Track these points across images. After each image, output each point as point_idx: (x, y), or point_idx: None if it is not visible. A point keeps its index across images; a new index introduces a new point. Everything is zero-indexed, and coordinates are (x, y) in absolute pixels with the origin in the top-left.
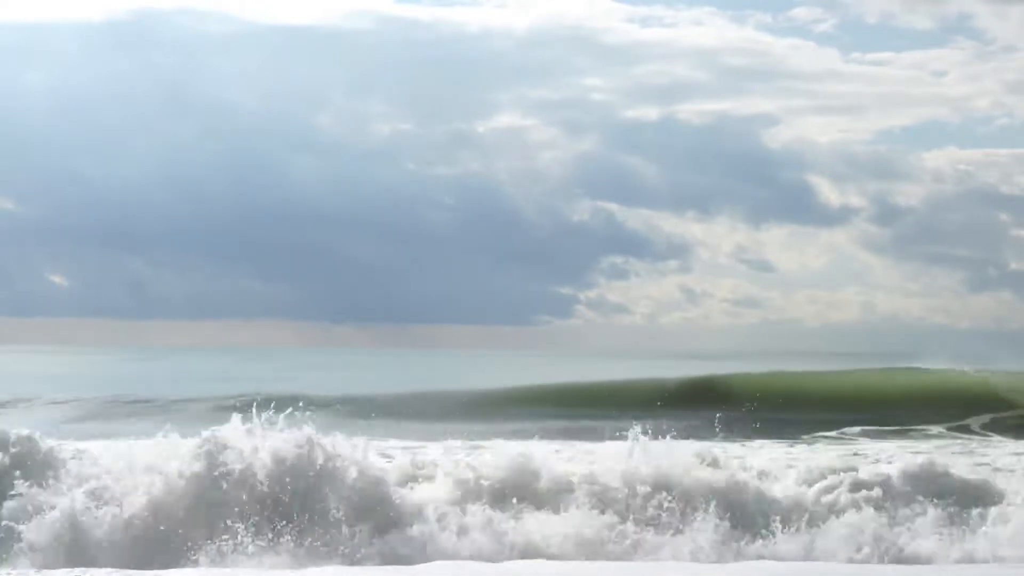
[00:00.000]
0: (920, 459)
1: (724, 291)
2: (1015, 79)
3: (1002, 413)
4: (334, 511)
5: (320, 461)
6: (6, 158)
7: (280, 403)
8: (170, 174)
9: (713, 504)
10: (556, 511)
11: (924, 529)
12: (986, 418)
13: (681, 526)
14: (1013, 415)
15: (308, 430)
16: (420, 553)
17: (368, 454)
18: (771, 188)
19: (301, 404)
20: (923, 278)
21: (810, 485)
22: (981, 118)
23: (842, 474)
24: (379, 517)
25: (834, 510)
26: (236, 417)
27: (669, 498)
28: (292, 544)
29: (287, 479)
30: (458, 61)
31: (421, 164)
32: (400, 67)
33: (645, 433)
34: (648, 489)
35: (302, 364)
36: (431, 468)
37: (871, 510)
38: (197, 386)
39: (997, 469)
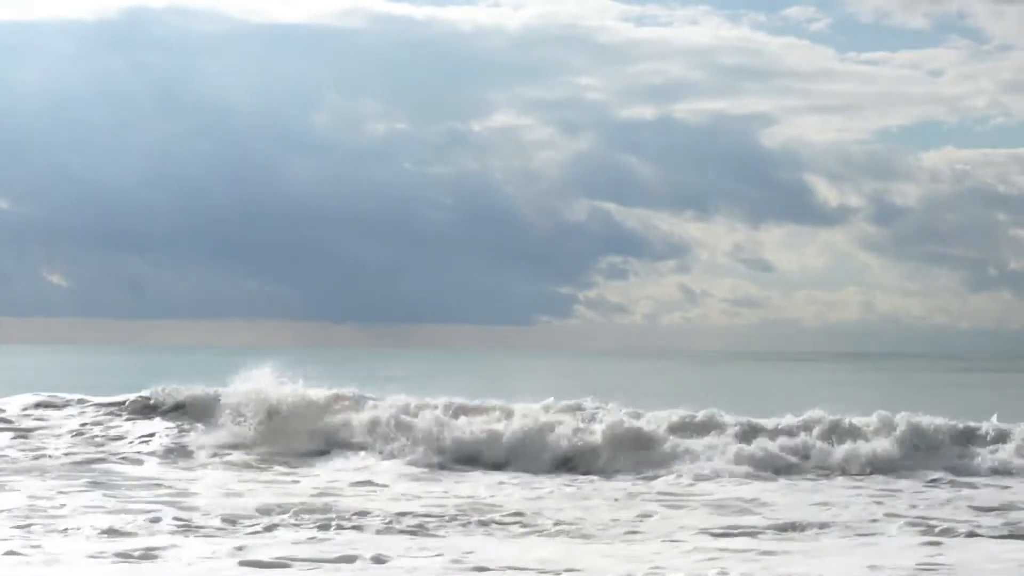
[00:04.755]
0: None
1: (723, 291)
2: (1011, 78)
3: None
4: None
5: None
6: (0, 157)
7: None
8: (165, 174)
9: None
10: None
11: None
12: None
13: None
14: None
15: None
16: None
17: None
18: (769, 188)
19: None
20: (923, 278)
21: None
22: (978, 117)
23: None
24: None
25: None
26: None
27: None
28: None
29: None
30: (452, 60)
31: (418, 163)
32: (394, 66)
33: None
34: None
35: None
36: None
37: None
38: None
39: None
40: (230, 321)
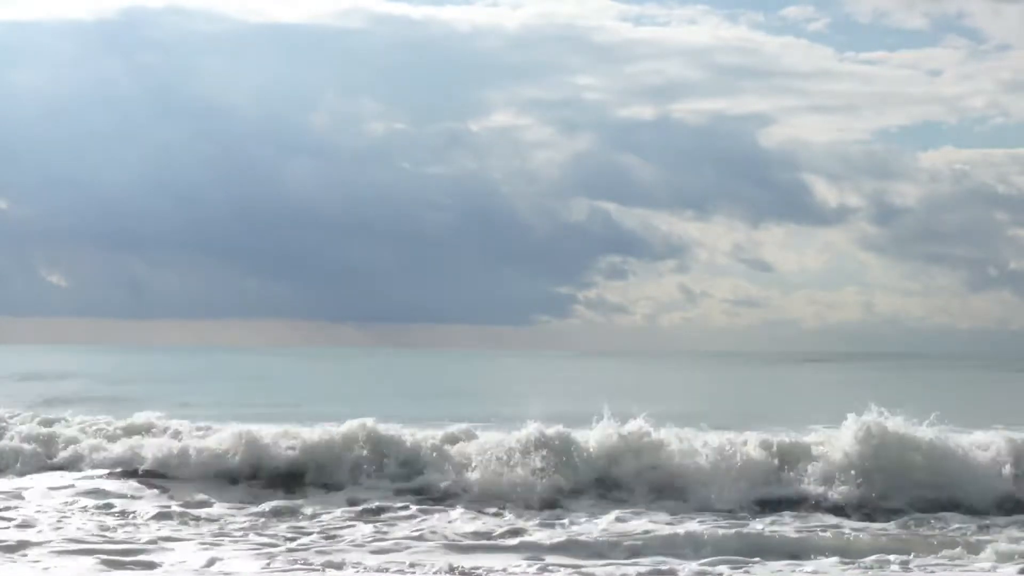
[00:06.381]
0: None
1: (723, 291)
2: (1010, 78)
3: None
4: None
5: None
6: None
7: None
8: (164, 174)
9: None
10: None
11: None
12: None
13: None
14: None
15: None
16: None
17: None
18: (768, 188)
19: None
20: (923, 278)
21: None
22: (977, 117)
23: None
24: None
25: None
26: None
27: None
28: None
29: None
30: (451, 60)
31: (416, 164)
32: (393, 66)
33: None
34: None
35: None
36: None
37: None
38: None
39: None
40: (230, 321)
